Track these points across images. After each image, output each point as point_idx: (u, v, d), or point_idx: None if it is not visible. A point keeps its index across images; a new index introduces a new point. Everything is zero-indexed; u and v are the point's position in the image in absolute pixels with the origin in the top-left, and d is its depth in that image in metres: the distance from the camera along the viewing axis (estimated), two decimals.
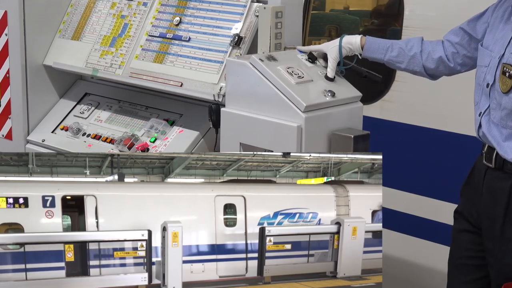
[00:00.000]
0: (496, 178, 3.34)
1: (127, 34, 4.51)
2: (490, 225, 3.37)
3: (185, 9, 4.28)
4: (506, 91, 3.16)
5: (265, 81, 3.50)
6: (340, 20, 5.77)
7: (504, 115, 3.21)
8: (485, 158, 3.38)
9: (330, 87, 3.58)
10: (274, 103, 3.48)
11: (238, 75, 3.62)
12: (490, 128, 3.30)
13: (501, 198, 3.30)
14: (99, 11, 4.73)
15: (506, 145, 3.24)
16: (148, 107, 4.61)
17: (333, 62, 3.63)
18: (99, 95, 4.87)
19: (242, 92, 3.61)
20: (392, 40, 3.66)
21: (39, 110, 4.86)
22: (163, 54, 4.27)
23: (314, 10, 5.65)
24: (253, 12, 4.00)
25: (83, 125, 4.70)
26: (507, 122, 3.21)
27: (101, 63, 4.55)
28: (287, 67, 3.57)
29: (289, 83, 3.48)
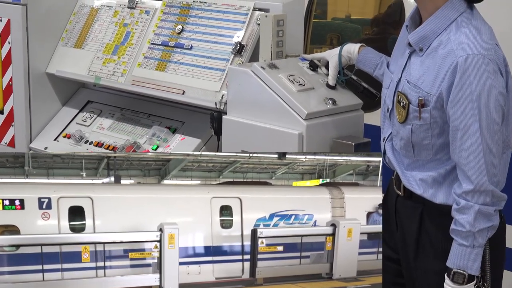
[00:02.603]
0: (405, 206, 3.20)
1: (129, 42, 4.51)
2: (405, 255, 3.23)
3: (187, 18, 4.29)
4: (402, 121, 3.02)
5: (267, 89, 3.50)
6: (342, 28, 5.74)
7: (403, 145, 3.07)
8: (395, 185, 3.25)
9: (331, 95, 3.57)
10: (275, 111, 3.47)
11: (240, 83, 3.62)
12: (394, 155, 3.18)
13: (411, 227, 3.16)
14: (102, 20, 4.73)
15: (409, 175, 3.11)
16: (150, 114, 4.62)
17: (333, 70, 3.60)
18: (101, 103, 4.88)
19: (243, 99, 3.61)
20: (388, 57, 3.52)
21: (42, 117, 4.87)
22: (165, 62, 4.27)
23: (315, 18, 5.63)
24: (254, 20, 4.01)
25: (85, 132, 4.71)
26: (406, 152, 3.07)
27: (103, 71, 4.55)
28: (289, 75, 3.56)
29: (291, 90, 3.48)
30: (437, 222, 3.06)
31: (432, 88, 2.90)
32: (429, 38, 2.94)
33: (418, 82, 2.95)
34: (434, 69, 2.90)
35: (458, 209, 2.89)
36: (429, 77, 2.91)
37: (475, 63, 2.78)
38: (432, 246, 3.11)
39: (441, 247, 3.04)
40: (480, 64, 2.78)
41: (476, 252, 2.89)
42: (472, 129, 2.79)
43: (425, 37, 2.95)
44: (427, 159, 3.03)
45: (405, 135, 3.03)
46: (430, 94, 2.90)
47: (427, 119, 2.93)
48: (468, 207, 2.85)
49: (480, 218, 2.85)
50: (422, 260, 3.15)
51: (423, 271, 3.15)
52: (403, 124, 3.01)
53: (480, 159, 2.81)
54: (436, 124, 2.94)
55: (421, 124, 2.96)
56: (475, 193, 2.84)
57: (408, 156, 3.08)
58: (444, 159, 2.99)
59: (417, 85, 2.95)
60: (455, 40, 2.85)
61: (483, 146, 2.80)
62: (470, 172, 2.83)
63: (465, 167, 2.84)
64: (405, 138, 3.04)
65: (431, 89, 2.90)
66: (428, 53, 2.95)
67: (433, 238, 3.10)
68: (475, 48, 2.80)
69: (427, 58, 2.95)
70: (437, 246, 3.08)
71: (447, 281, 2.94)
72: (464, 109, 2.80)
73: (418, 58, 3.00)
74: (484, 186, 2.83)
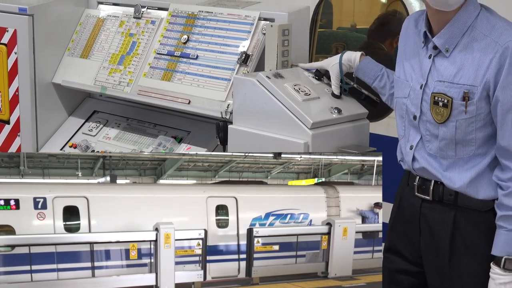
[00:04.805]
0: (434, 211, 3.19)
1: (135, 52, 4.52)
2: (435, 260, 3.22)
3: (192, 27, 4.29)
4: (442, 121, 3.05)
5: (272, 98, 3.51)
6: (347, 37, 5.74)
7: (444, 146, 3.08)
8: (418, 191, 3.23)
9: (337, 104, 3.59)
10: (281, 120, 3.48)
11: (246, 92, 3.63)
12: (429, 160, 3.16)
13: (443, 231, 3.16)
14: (108, 30, 4.73)
15: (451, 175, 3.11)
16: (156, 124, 4.62)
17: (336, 79, 3.61)
18: (107, 113, 4.88)
19: (249, 109, 3.62)
20: (388, 69, 3.56)
21: (48, 127, 4.87)
22: (171, 72, 4.28)
23: (321, 28, 5.62)
24: (260, 30, 4.03)
25: (91, 142, 4.71)
26: (447, 152, 3.09)
27: (109, 81, 4.55)
28: (294, 84, 3.57)
29: (296, 100, 3.49)
30: (472, 224, 3.09)
31: (475, 80, 2.96)
32: (455, 38, 3.04)
33: (454, 79, 3.02)
34: (472, 63, 2.98)
35: (507, 193, 2.94)
36: (468, 71, 2.99)
37: None
38: (466, 248, 3.12)
39: (476, 249, 3.08)
40: None
41: None
42: None
43: (451, 37, 3.04)
44: (469, 156, 3.07)
45: (448, 134, 3.06)
46: (474, 86, 2.97)
47: (473, 112, 2.99)
48: None
49: None
50: (456, 264, 3.16)
51: (458, 274, 3.16)
52: (444, 123, 3.05)
53: None
54: (480, 116, 3.00)
55: (466, 118, 3.00)
56: None
57: (449, 156, 3.10)
58: (483, 153, 3.05)
59: (454, 82, 3.02)
60: (489, 32, 2.97)
61: None
62: None
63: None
64: (447, 138, 3.06)
65: (474, 81, 2.97)
66: (459, 51, 3.03)
67: (467, 241, 3.12)
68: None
69: (457, 56, 3.04)
70: (472, 248, 3.11)
71: (496, 270, 2.98)
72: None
73: (445, 58, 3.07)
74: None
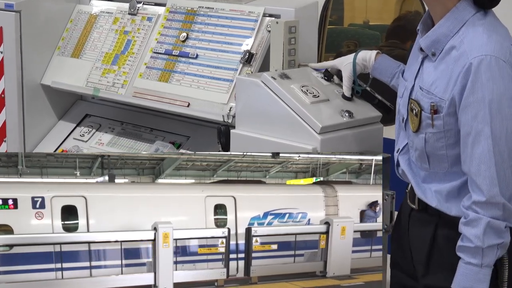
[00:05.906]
0: (419, 221, 3.16)
1: (130, 51, 4.50)
2: (410, 272, 3.20)
3: (192, 24, 4.28)
4: (415, 131, 3.00)
5: (278, 100, 3.46)
6: (360, 35, 5.81)
7: (418, 156, 3.04)
8: (409, 198, 3.21)
9: (348, 107, 3.53)
10: (287, 124, 3.43)
11: (249, 94, 3.58)
12: (411, 167, 3.13)
13: (422, 244, 3.12)
14: (101, 27, 4.71)
15: (425, 187, 3.07)
16: (152, 129, 4.60)
17: (348, 80, 3.58)
18: (100, 117, 4.86)
19: (253, 112, 3.57)
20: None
21: (37, 132, 4.84)
22: (168, 72, 4.25)
23: (331, 24, 5.67)
24: (265, 27, 4.00)
25: (83, 148, 4.70)
26: (422, 164, 3.04)
27: (102, 82, 4.52)
28: (302, 86, 3.52)
29: (304, 102, 3.43)
30: (452, 236, 2.98)
31: (445, 93, 2.88)
32: (441, 42, 2.93)
33: (431, 88, 2.94)
34: (447, 73, 2.89)
35: (466, 222, 2.84)
36: (442, 82, 2.90)
37: (488, 65, 2.75)
38: (443, 262, 3.07)
39: (452, 264, 2.96)
40: (494, 66, 2.75)
41: (484, 272, 2.83)
42: (484, 135, 2.76)
43: (437, 41, 2.94)
44: (444, 172, 3.00)
45: (419, 145, 3.01)
46: (442, 99, 2.88)
47: (441, 127, 2.91)
48: (477, 220, 2.80)
49: (490, 233, 2.80)
50: (431, 278, 3.11)
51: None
52: (416, 133, 3.00)
53: (492, 168, 2.77)
54: (450, 133, 2.91)
55: (434, 132, 2.93)
56: (485, 205, 2.79)
57: (424, 168, 3.05)
58: (460, 172, 2.94)
59: (430, 91, 2.94)
60: (468, 41, 2.84)
61: (494, 154, 2.76)
62: (480, 181, 2.79)
63: (476, 177, 2.80)
64: (419, 149, 3.02)
65: (444, 94, 2.88)
66: (441, 58, 2.94)
67: (444, 253, 3.05)
68: (489, 49, 2.77)
69: (440, 63, 2.94)
70: (449, 263, 3.01)
71: None
72: (475, 114, 2.77)
73: (431, 63, 2.99)
74: (495, 198, 2.78)
